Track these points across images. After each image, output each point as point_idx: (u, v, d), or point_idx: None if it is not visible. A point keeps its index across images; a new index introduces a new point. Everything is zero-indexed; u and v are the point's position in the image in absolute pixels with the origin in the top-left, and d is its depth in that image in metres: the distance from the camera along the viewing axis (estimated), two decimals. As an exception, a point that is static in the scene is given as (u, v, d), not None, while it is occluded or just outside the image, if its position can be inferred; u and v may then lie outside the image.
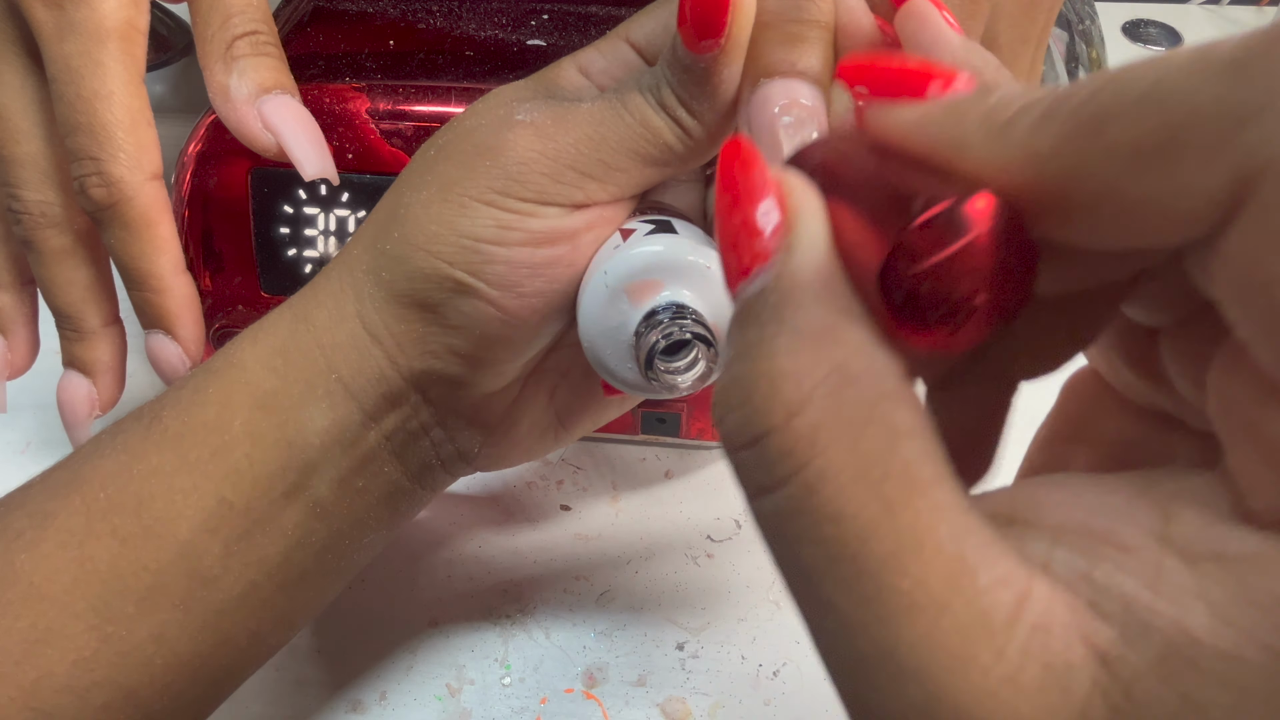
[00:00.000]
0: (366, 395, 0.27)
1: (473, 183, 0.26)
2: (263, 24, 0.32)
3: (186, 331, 0.33)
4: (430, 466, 0.30)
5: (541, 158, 0.25)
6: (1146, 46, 0.68)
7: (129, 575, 0.25)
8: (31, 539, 0.25)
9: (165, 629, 0.26)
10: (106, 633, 0.25)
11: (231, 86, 0.31)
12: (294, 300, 0.28)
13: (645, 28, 0.28)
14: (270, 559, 0.27)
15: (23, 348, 0.35)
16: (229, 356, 0.28)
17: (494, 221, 0.26)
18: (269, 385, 0.27)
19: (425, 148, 0.28)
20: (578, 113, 0.26)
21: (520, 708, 0.35)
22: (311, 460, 0.27)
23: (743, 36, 0.24)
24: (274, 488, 0.27)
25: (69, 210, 0.32)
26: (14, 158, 0.31)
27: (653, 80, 0.25)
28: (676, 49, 0.24)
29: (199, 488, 0.26)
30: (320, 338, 0.27)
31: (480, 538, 0.40)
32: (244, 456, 0.26)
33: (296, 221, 0.36)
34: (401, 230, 0.26)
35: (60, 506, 0.26)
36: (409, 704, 0.35)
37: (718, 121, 0.25)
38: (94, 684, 0.25)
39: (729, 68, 0.24)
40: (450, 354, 0.27)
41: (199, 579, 0.26)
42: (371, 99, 0.35)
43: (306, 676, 0.36)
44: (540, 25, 0.39)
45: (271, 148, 0.31)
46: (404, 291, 0.27)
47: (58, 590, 0.25)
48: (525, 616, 0.38)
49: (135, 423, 0.27)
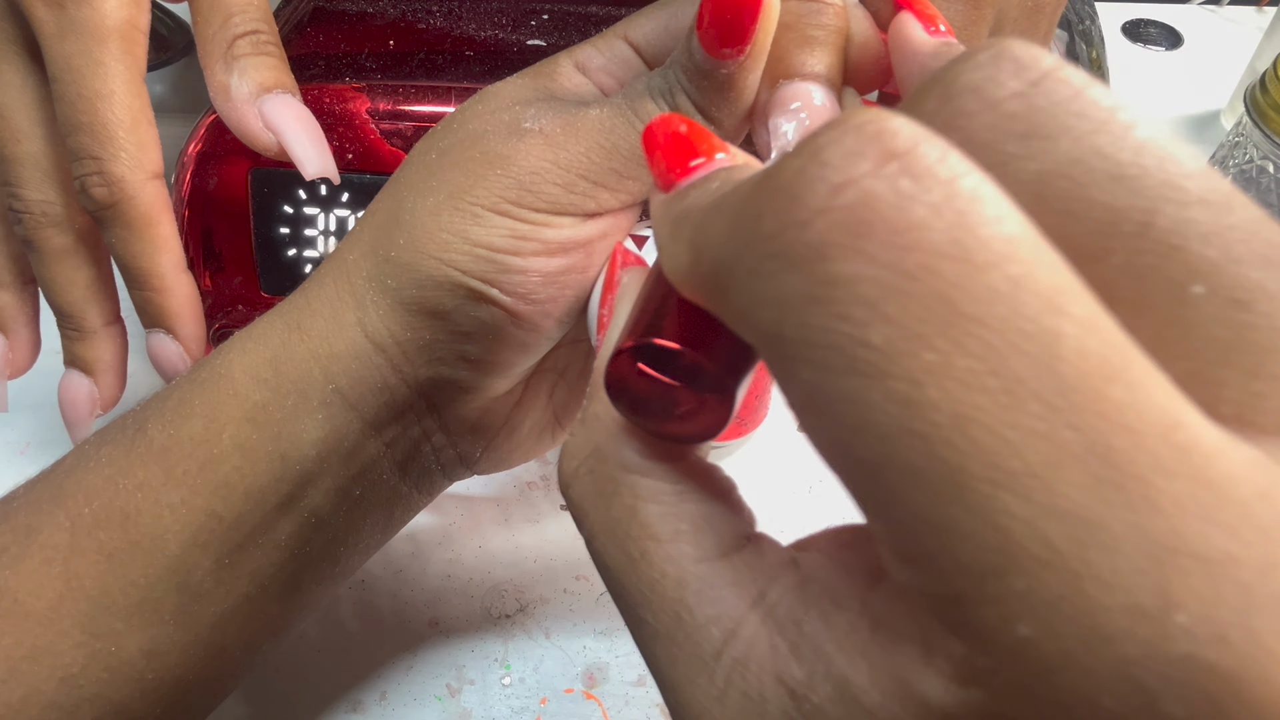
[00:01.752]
0: (367, 405, 0.27)
1: (484, 191, 0.25)
2: (263, 23, 0.32)
3: (187, 331, 0.33)
4: (430, 472, 0.30)
5: (554, 168, 0.25)
6: (1146, 46, 0.68)
7: (117, 591, 0.25)
8: (15, 554, 0.25)
9: (156, 644, 0.25)
10: (95, 649, 0.25)
11: (232, 86, 0.31)
12: (284, 308, 0.28)
13: (644, 28, 0.28)
14: (263, 571, 0.27)
15: (24, 347, 0.35)
16: (214, 367, 0.27)
17: (509, 231, 0.25)
18: (259, 398, 0.26)
19: (424, 150, 0.27)
20: (587, 120, 0.25)
21: (520, 708, 0.35)
22: (307, 472, 0.26)
23: (767, 43, 0.23)
24: (267, 500, 0.26)
25: (70, 209, 0.32)
26: (15, 157, 0.31)
27: (664, 85, 0.25)
28: (694, 54, 0.24)
29: (187, 502, 0.25)
30: (316, 347, 0.27)
31: (480, 538, 0.40)
32: (234, 470, 0.26)
33: (296, 221, 0.36)
34: (408, 237, 0.26)
35: (44, 521, 0.25)
36: (409, 704, 0.35)
37: (735, 126, 0.25)
38: (83, 700, 0.25)
39: (752, 74, 0.24)
40: (459, 360, 0.27)
41: (189, 593, 0.26)
42: (371, 99, 0.35)
43: (306, 676, 0.36)
44: (540, 25, 0.39)
45: (272, 147, 0.31)
46: (412, 298, 0.26)
47: (43, 607, 0.24)
48: (525, 616, 0.38)
49: (119, 434, 0.27)
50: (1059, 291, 0.11)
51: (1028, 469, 0.10)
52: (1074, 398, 0.10)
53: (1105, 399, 0.10)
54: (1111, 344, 0.11)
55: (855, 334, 0.11)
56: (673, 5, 0.28)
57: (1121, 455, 0.10)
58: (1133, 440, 0.10)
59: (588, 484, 0.16)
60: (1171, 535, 0.10)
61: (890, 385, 0.11)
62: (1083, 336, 0.11)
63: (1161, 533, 0.10)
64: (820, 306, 0.11)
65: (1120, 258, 0.12)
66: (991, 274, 0.11)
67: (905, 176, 0.11)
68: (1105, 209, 0.12)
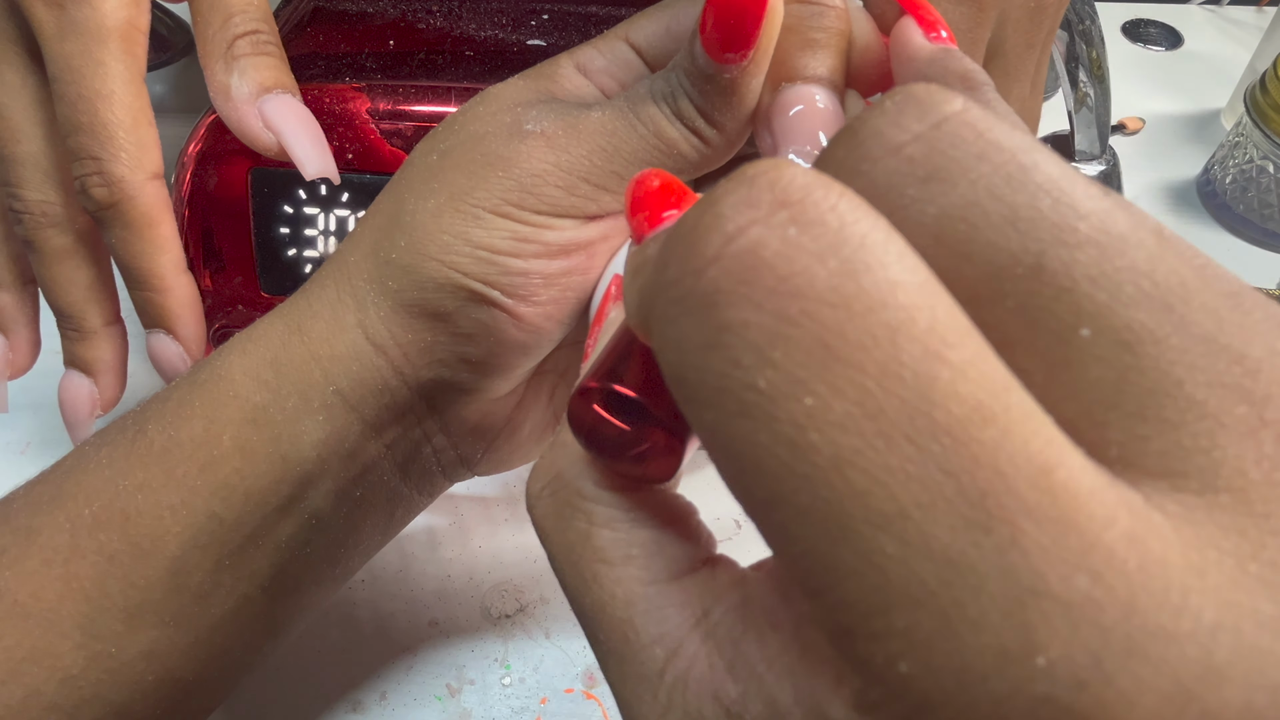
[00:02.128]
0: (368, 406, 0.27)
1: (485, 193, 0.25)
2: (263, 23, 0.32)
3: (187, 331, 0.33)
4: (431, 473, 0.30)
5: (555, 170, 0.25)
6: (1146, 46, 0.68)
7: (117, 593, 0.25)
8: (15, 556, 0.25)
9: (156, 645, 0.25)
10: (95, 650, 0.25)
11: (232, 86, 0.31)
12: (285, 309, 0.28)
13: (645, 30, 0.28)
14: (264, 572, 0.27)
15: (24, 347, 0.35)
16: (215, 368, 0.27)
17: (510, 233, 0.25)
18: (259, 399, 0.26)
19: (424, 151, 0.27)
20: (589, 122, 0.25)
21: (520, 708, 0.35)
22: (308, 473, 0.26)
23: (771, 48, 0.23)
24: (267, 502, 0.26)
25: (70, 210, 0.32)
26: (15, 157, 0.31)
27: (667, 89, 0.25)
28: (696, 58, 0.24)
29: (188, 504, 0.25)
30: (316, 349, 0.27)
31: (480, 538, 0.40)
32: (234, 472, 0.26)
33: (296, 221, 0.36)
34: (409, 239, 0.26)
35: (45, 522, 0.25)
36: (409, 704, 0.35)
37: (738, 130, 0.25)
38: (83, 701, 0.25)
39: (756, 78, 0.24)
40: (460, 362, 0.27)
41: (190, 595, 0.26)
42: (371, 99, 0.35)
43: (306, 676, 0.36)
44: (540, 25, 0.39)
45: (272, 147, 0.31)
46: (413, 300, 0.26)
47: (44, 608, 0.24)
48: (525, 616, 0.38)
49: (119, 435, 0.27)
50: (938, 337, 0.11)
51: (901, 511, 0.11)
52: (945, 441, 0.11)
53: (977, 442, 0.11)
54: (988, 388, 0.11)
55: (743, 378, 0.11)
56: (674, 7, 0.28)
57: (991, 499, 0.11)
58: (1003, 484, 0.11)
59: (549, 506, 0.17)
60: (1035, 578, 0.10)
61: (776, 428, 0.11)
62: (957, 381, 0.11)
63: (1026, 575, 0.10)
64: (713, 351, 0.12)
65: (1013, 300, 0.12)
66: (869, 319, 0.11)
67: (793, 225, 0.12)
68: (998, 251, 0.12)
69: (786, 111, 0.23)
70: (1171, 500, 0.11)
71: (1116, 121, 0.60)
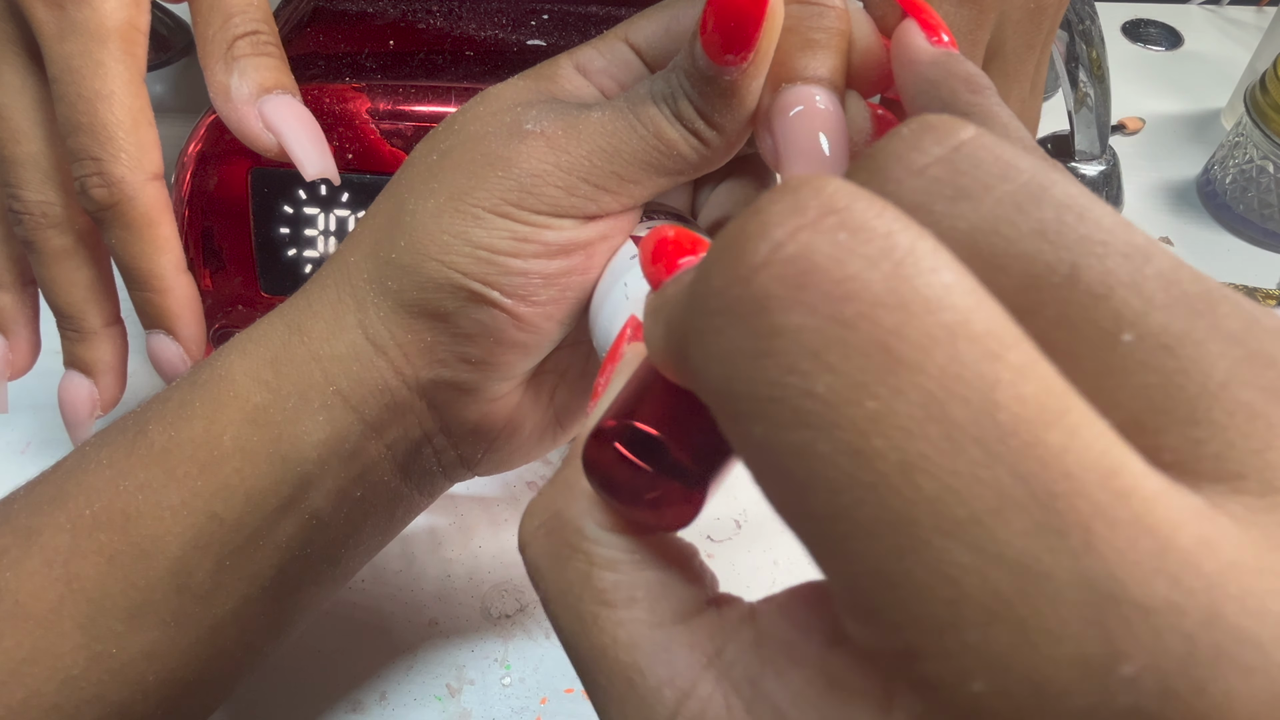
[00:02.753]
0: (368, 407, 0.27)
1: (485, 193, 0.25)
2: (263, 24, 0.32)
3: (187, 331, 0.33)
4: (431, 473, 0.30)
5: (555, 170, 0.25)
6: (1146, 46, 0.68)
7: (117, 593, 0.25)
8: (16, 556, 0.25)
9: (156, 646, 0.25)
10: (96, 651, 0.25)
11: (232, 86, 0.31)
12: (285, 309, 0.28)
13: (645, 30, 0.28)
14: (264, 573, 0.27)
15: (24, 348, 0.35)
16: (215, 369, 0.27)
17: (509, 233, 0.25)
18: (259, 399, 0.26)
19: (424, 152, 0.27)
20: (589, 123, 0.25)
21: (520, 708, 0.35)
22: (308, 474, 0.26)
23: (771, 49, 0.23)
24: (268, 502, 0.26)
25: (70, 210, 0.32)
26: (15, 158, 0.31)
27: (667, 90, 0.25)
28: (697, 60, 0.24)
29: (188, 504, 0.25)
30: (317, 349, 0.27)
31: (480, 538, 0.40)
32: (234, 472, 0.26)
33: (296, 221, 0.36)
34: (409, 239, 0.26)
35: (45, 523, 0.25)
36: (409, 704, 0.35)
37: (738, 131, 0.25)
38: (84, 702, 0.25)
39: (756, 80, 0.24)
40: (460, 362, 0.27)
41: (190, 595, 0.26)
42: (371, 99, 0.35)
43: (306, 677, 0.36)
44: (540, 25, 0.39)
45: (272, 147, 0.31)
46: (413, 300, 0.26)
47: (44, 609, 0.24)
48: (525, 616, 0.38)
49: (119, 435, 0.27)
50: (995, 338, 0.11)
51: (973, 516, 0.10)
52: (1013, 443, 0.10)
53: (1044, 444, 0.10)
54: (1048, 390, 0.11)
55: (800, 384, 0.11)
56: (674, 8, 0.28)
57: (1063, 502, 0.10)
58: (1073, 486, 0.10)
59: (544, 546, 0.16)
60: (1114, 583, 0.10)
61: (837, 435, 0.11)
62: (1019, 382, 0.11)
63: (1104, 581, 0.10)
64: (765, 359, 0.11)
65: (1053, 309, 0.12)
66: (928, 321, 0.11)
67: (843, 230, 0.11)
68: (1033, 262, 0.12)
69: (786, 112, 0.23)
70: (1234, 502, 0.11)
71: (1116, 121, 0.60)
